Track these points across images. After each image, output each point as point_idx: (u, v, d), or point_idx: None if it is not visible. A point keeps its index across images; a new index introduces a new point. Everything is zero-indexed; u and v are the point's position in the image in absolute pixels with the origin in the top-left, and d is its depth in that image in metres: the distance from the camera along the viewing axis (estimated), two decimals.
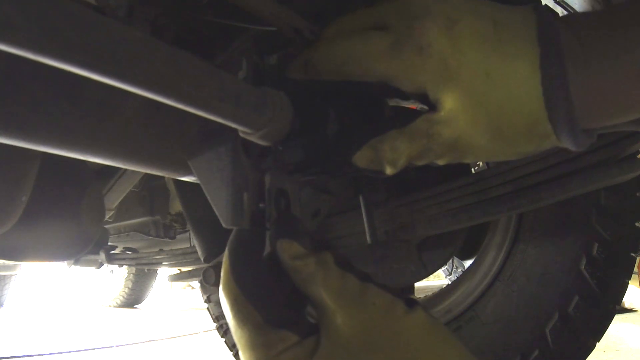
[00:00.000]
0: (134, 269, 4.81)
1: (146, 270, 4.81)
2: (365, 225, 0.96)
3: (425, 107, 0.44)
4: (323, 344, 0.37)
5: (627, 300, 3.32)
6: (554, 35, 0.40)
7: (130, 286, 4.99)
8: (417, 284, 1.45)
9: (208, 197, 0.62)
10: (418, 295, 1.47)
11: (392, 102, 0.54)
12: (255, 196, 0.51)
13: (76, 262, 2.10)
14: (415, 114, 0.44)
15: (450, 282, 1.98)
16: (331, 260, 0.39)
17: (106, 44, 0.30)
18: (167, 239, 1.93)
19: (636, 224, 0.98)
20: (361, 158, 0.46)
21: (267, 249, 0.42)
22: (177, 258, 1.99)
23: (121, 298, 5.07)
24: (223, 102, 0.39)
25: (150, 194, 1.76)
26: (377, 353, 0.36)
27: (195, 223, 1.10)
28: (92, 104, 0.49)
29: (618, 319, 2.25)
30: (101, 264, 2.19)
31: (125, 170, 1.09)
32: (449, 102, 0.42)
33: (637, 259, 1.09)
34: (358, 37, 0.45)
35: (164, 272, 4.56)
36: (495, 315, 1.08)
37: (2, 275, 4.45)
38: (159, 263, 2.14)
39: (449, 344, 0.38)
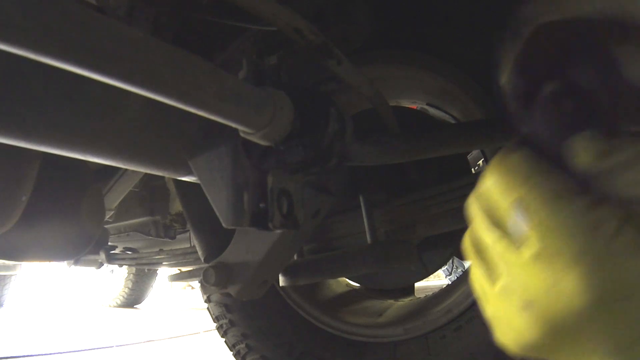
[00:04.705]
0: (134, 269, 4.81)
1: (146, 270, 4.80)
2: (365, 225, 0.96)
3: (426, 107, 0.44)
4: None
5: None
6: None
7: (130, 286, 4.98)
8: (417, 284, 1.45)
9: (208, 197, 0.62)
10: (418, 295, 1.47)
11: (393, 102, 0.53)
12: (255, 196, 0.51)
13: (76, 262, 2.10)
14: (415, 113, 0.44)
15: (450, 282, 1.98)
16: None
17: (106, 43, 0.29)
18: (167, 239, 1.93)
19: None
20: None
21: None
22: (177, 258, 1.99)
23: (121, 298, 5.06)
24: (223, 102, 0.39)
25: (150, 194, 1.75)
26: None
27: (195, 223, 1.09)
28: (93, 104, 0.49)
29: None
30: (101, 264, 2.18)
31: (125, 170, 1.09)
32: None
33: None
34: None
35: (164, 272, 4.55)
36: None
37: (2, 275, 4.45)
38: (159, 263, 2.14)
39: None
